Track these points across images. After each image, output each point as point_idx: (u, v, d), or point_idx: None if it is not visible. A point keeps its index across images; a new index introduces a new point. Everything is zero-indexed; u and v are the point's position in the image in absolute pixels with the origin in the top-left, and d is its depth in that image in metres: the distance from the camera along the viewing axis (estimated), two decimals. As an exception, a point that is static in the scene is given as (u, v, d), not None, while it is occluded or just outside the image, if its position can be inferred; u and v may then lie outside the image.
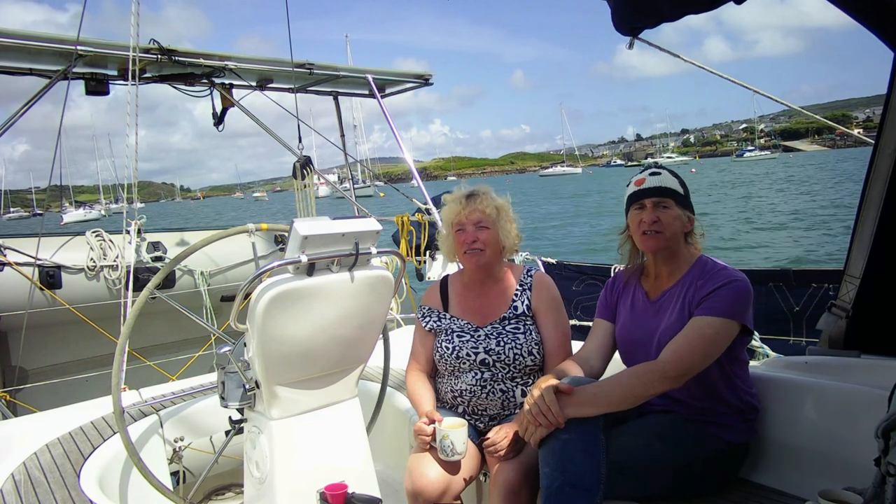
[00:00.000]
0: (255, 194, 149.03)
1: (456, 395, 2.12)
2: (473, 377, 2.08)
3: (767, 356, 3.50)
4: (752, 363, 2.32)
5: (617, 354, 2.04)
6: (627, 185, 1.94)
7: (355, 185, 5.93)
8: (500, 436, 1.91)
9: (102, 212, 73.11)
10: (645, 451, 1.75)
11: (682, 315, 1.79)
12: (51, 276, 4.29)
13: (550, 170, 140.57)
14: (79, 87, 4.13)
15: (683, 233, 1.87)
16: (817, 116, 4.27)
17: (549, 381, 1.72)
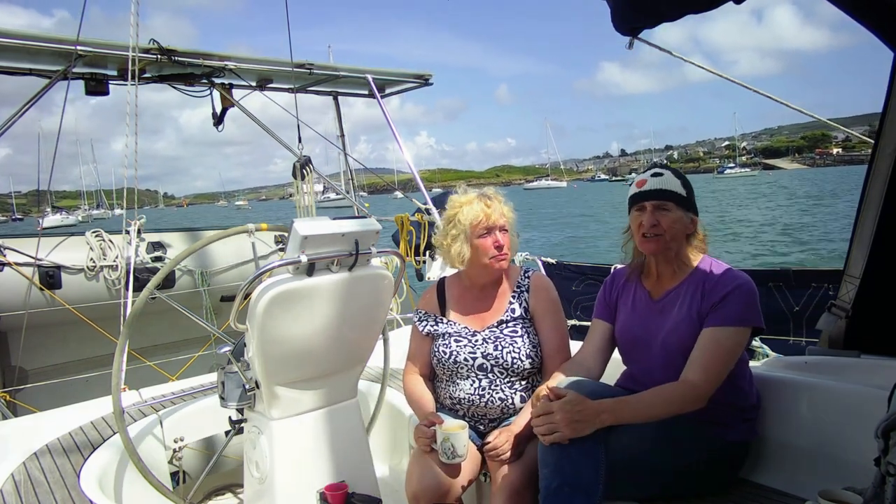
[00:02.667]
0: (238, 203, 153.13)
1: (455, 401, 2.11)
2: (471, 385, 2.06)
3: (767, 356, 3.51)
4: (751, 363, 2.32)
5: (616, 354, 2.04)
6: (630, 185, 1.93)
7: (339, 196, 5.92)
8: (501, 440, 1.90)
9: (80, 217, 73.48)
10: (646, 451, 1.75)
11: (690, 317, 1.78)
12: (50, 277, 4.29)
13: (535, 183, 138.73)
14: (63, 90, 4.09)
15: (686, 234, 1.86)
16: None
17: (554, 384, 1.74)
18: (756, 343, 3.63)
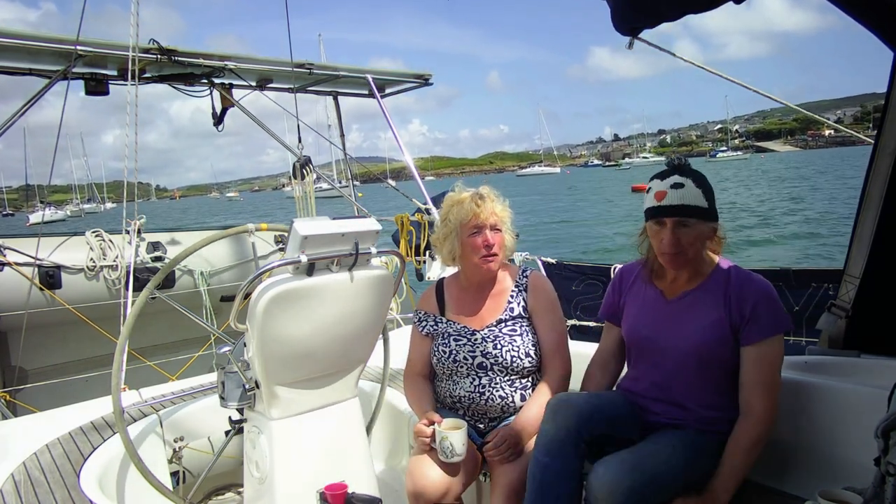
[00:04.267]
0: (229, 194, 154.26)
1: (455, 400, 2.11)
2: (471, 383, 2.07)
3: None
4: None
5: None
6: (647, 191, 1.81)
7: (330, 188, 5.90)
8: (500, 439, 1.91)
9: (69, 212, 73.12)
10: (666, 465, 1.67)
11: (720, 324, 1.74)
12: (50, 276, 4.29)
13: (528, 170, 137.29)
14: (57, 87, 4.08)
15: (706, 241, 1.79)
16: (820, 117, 4.25)
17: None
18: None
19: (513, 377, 2.07)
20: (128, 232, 4.17)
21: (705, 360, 1.76)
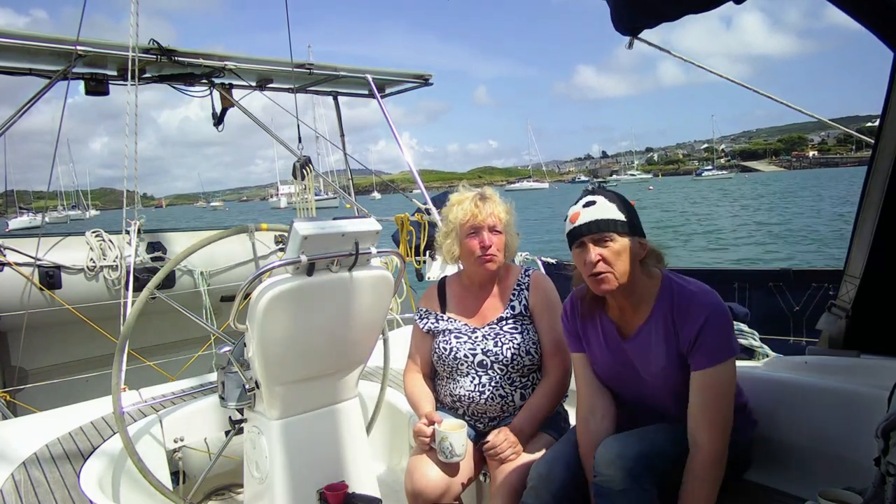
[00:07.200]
0: (213, 203, 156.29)
1: (455, 399, 2.12)
2: (471, 381, 2.07)
3: (767, 356, 3.50)
4: (751, 363, 2.32)
5: None
6: (565, 220, 1.73)
7: (318, 197, 5.89)
8: (500, 439, 1.91)
9: (48, 219, 72.56)
10: (670, 440, 1.68)
11: (670, 357, 1.69)
12: (50, 277, 4.29)
13: (517, 185, 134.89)
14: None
15: (637, 261, 1.69)
16: (833, 123, 4.24)
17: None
18: (756, 343, 3.63)
19: (513, 375, 2.07)
20: (128, 232, 4.16)
21: (681, 391, 1.69)
